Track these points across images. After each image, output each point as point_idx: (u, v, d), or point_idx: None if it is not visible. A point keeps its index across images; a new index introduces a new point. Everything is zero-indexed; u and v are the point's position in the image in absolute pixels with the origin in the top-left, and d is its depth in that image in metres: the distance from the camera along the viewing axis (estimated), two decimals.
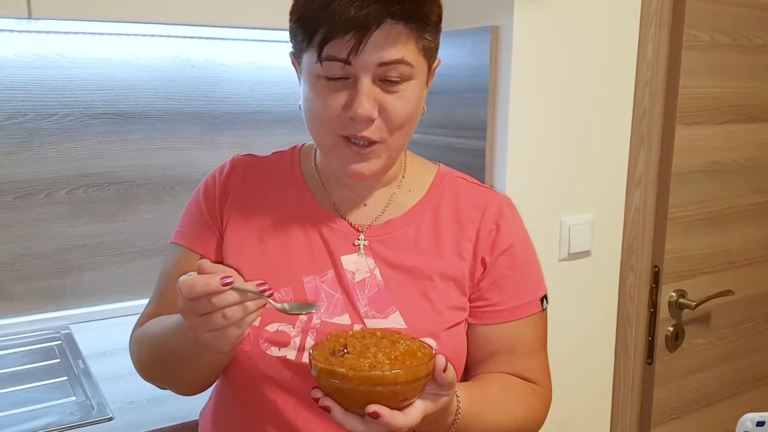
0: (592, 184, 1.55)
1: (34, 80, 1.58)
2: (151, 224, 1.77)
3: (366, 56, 0.87)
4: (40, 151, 1.62)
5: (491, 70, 1.41)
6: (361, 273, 1.00)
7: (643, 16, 1.53)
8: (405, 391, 0.77)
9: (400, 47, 0.88)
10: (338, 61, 0.88)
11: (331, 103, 0.90)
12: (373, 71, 0.88)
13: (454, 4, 1.51)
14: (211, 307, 0.78)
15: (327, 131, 0.93)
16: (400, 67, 0.89)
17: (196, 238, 1.05)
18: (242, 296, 0.79)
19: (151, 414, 1.27)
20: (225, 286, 0.77)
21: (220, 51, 1.78)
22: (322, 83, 0.90)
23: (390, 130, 0.92)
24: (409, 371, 0.76)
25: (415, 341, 0.83)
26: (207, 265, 0.80)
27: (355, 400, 0.77)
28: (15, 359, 1.49)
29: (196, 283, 0.78)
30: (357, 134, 0.90)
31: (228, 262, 1.01)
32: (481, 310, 1.03)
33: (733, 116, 1.72)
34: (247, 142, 1.85)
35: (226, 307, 0.79)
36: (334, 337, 0.84)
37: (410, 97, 0.92)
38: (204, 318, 0.80)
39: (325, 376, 0.77)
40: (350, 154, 0.92)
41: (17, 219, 1.62)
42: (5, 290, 1.62)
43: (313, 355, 0.80)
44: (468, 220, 1.03)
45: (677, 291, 1.71)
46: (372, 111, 0.89)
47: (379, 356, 0.78)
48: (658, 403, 1.73)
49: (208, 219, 1.05)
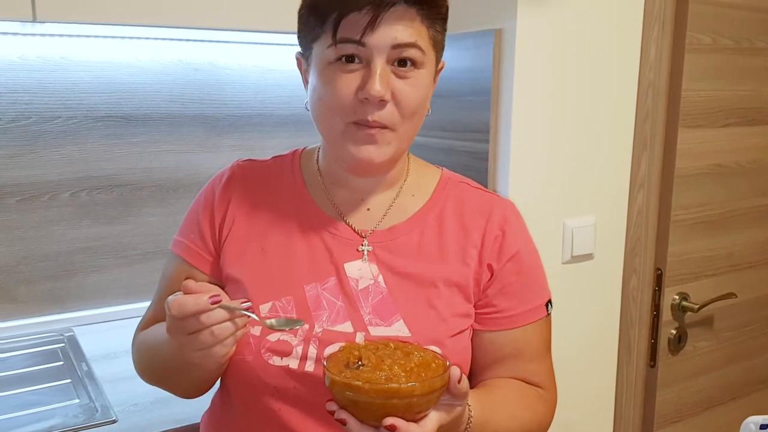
0: (595, 187, 1.55)
1: (37, 83, 1.59)
2: (155, 227, 1.77)
3: (380, 37, 0.88)
4: (44, 154, 1.62)
5: (494, 73, 1.41)
6: (365, 280, 0.99)
7: (646, 19, 1.53)
8: (421, 403, 0.77)
9: (413, 31, 0.89)
10: (352, 43, 0.88)
11: (342, 88, 0.90)
12: (387, 53, 0.89)
13: (458, 8, 1.51)
14: (199, 326, 0.81)
15: (338, 119, 0.92)
16: (413, 51, 0.90)
17: (193, 252, 1.06)
18: (230, 314, 0.81)
19: (155, 416, 1.27)
20: (214, 304, 0.79)
21: (223, 54, 1.78)
22: (334, 69, 0.91)
23: (401, 115, 0.92)
24: (425, 383, 0.76)
25: (428, 352, 0.83)
26: (192, 285, 0.81)
27: (371, 413, 0.77)
28: (18, 362, 1.49)
29: (187, 303, 0.80)
30: (369, 118, 0.90)
31: (228, 272, 1.01)
32: (488, 316, 1.02)
33: (735, 119, 1.73)
34: (250, 145, 1.85)
35: (215, 324, 0.81)
36: (348, 349, 0.84)
37: (420, 85, 0.92)
38: (192, 337, 0.82)
39: (341, 388, 0.77)
40: (362, 136, 0.92)
41: (20, 222, 1.62)
42: (9, 293, 1.63)
43: (328, 366, 0.80)
44: (472, 226, 1.03)
45: (680, 294, 1.71)
46: (385, 92, 0.89)
47: (395, 369, 0.78)
48: (660, 406, 1.73)
49: (204, 232, 1.05)
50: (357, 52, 0.89)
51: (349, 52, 0.89)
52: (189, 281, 0.81)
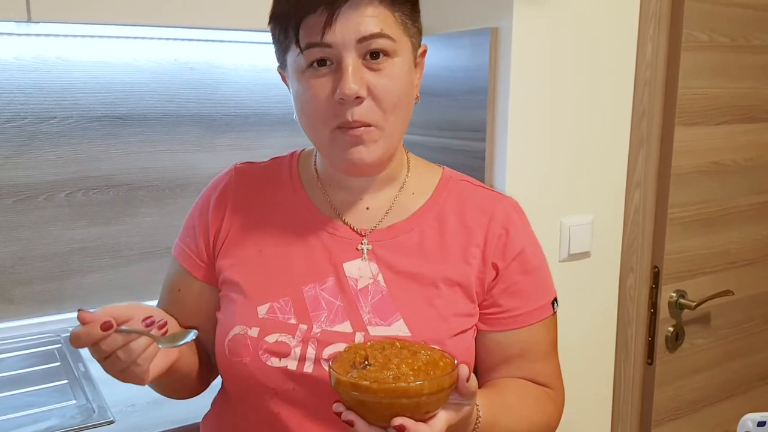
0: (592, 185, 1.55)
1: (33, 83, 1.58)
2: (151, 227, 1.77)
3: (342, 33, 0.87)
4: (40, 154, 1.61)
5: (491, 72, 1.41)
6: (364, 279, 0.98)
7: (642, 17, 1.53)
8: (429, 402, 0.76)
9: (377, 21, 0.88)
10: (317, 46, 0.88)
11: (319, 94, 0.90)
12: (355, 48, 0.88)
13: (454, 6, 1.51)
14: (104, 353, 0.81)
15: (322, 126, 0.92)
16: (382, 41, 0.89)
17: (187, 256, 1.06)
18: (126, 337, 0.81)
19: (152, 417, 1.27)
20: (106, 331, 0.79)
21: (220, 53, 1.78)
22: (308, 77, 0.90)
23: (382, 110, 0.90)
24: (434, 382, 0.75)
25: (435, 350, 0.82)
26: (86, 316, 0.80)
27: (379, 413, 0.76)
28: (15, 363, 1.49)
29: (80, 335, 0.80)
30: (349, 119, 0.89)
31: (226, 275, 1.01)
32: (494, 316, 1.02)
33: (732, 117, 1.73)
34: (247, 145, 1.85)
35: (117, 349, 0.81)
36: (353, 349, 0.83)
37: (396, 75, 0.91)
38: (106, 362, 0.83)
39: (348, 389, 0.76)
40: (348, 139, 0.91)
41: (17, 222, 1.62)
42: (5, 293, 1.62)
43: (333, 367, 0.79)
44: (475, 224, 1.02)
45: (677, 291, 1.71)
46: (358, 88, 0.88)
47: (403, 368, 0.77)
48: (658, 404, 1.73)
49: (199, 239, 1.05)
50: (324, 54, 0.89)
51: (317, 57, 0.89)
52: (82, 312, 0.80)
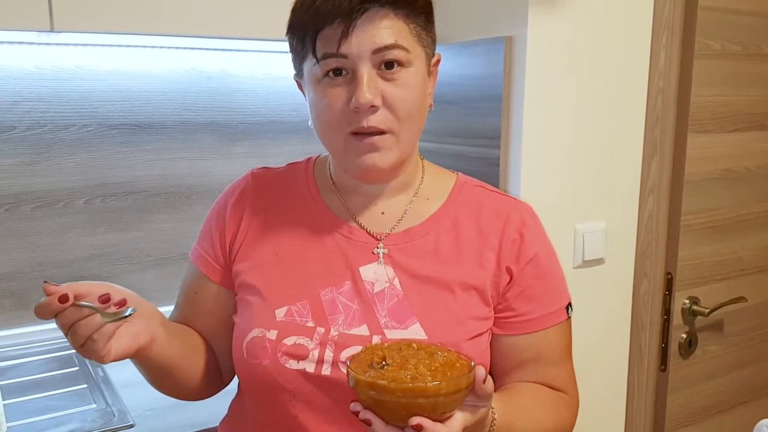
0: (606, 192, 1.56)
1: (52, 92, 1.60)
2: (168, 233, 1.78)
3: (358, 44, 0.88)
4: (59, 162, 1.63)
5: (505, 80, 1.42)
6: (381, 283, 0.99)
7: (655, 25, 1.54)
8: (446, 402, 0.76)
9: (392, 32, 0.90)
10: (333, 57, 0.89)
11: (334, 102, 0.91)
12: (370, 59, 0.90)
13: (469, 15, 1.53)
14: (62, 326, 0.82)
15: (337, 132, 0.94)
16: (396, 52, 0.90)
17: (204, 260, 1.07)
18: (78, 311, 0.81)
19: (171, 421, 1.28)
20: (63, 303, 0.79)
21: (235, 62, 1.80)
22: (324, 86, 0.92)
23: (397, 118, 0.92)
24: (451, 383, 0.76)
25: (452, 352, 0.83)
26: (50, 288, 0.80)
27: (396, 413, 0.76)
28: (34, 367, 1.50)
29: (43, 306, 0.80)
30: (364, 126, 0.91)
31: (243, 278, 1.02)
32: (508, 320, 1.03)
33: (744, 124, 1.73)
34: (262, 152, 1.86)
35: (74, 323, 0.81)
36: (370, 350, 0.84)
37: (410, 84, 0.93)
38: (69, 337, 0.83)
39: (366, 388, 0.77)
40: (362, 147, 0.93)
41: (36, 228, 1.63)
42: (24, 299, 1.64)
43: (351, 367, 0.80)
44: (490, 229, 1.03)
45: (690, 298, 1.72)
46: (373, 97, 0.89)
47: (420, 368, 0.78)
48: (671, 410, 1.74)
49: (215, 243, 1.06)
50: (340, 64, 0.90)
51: (333, 66, 0.91)
52: (47, 284, 0.81)
